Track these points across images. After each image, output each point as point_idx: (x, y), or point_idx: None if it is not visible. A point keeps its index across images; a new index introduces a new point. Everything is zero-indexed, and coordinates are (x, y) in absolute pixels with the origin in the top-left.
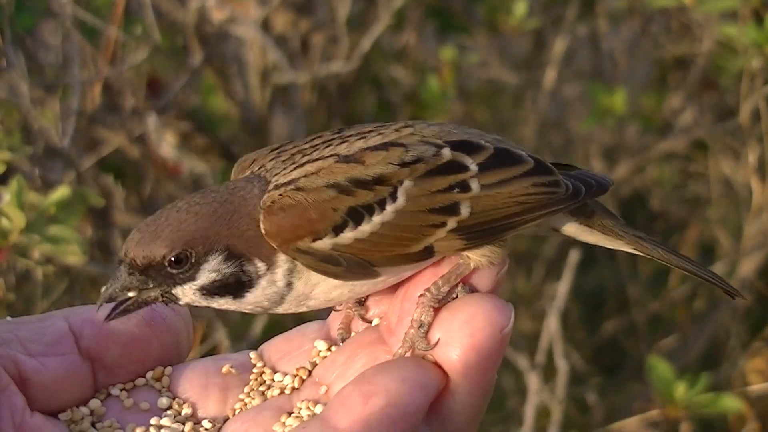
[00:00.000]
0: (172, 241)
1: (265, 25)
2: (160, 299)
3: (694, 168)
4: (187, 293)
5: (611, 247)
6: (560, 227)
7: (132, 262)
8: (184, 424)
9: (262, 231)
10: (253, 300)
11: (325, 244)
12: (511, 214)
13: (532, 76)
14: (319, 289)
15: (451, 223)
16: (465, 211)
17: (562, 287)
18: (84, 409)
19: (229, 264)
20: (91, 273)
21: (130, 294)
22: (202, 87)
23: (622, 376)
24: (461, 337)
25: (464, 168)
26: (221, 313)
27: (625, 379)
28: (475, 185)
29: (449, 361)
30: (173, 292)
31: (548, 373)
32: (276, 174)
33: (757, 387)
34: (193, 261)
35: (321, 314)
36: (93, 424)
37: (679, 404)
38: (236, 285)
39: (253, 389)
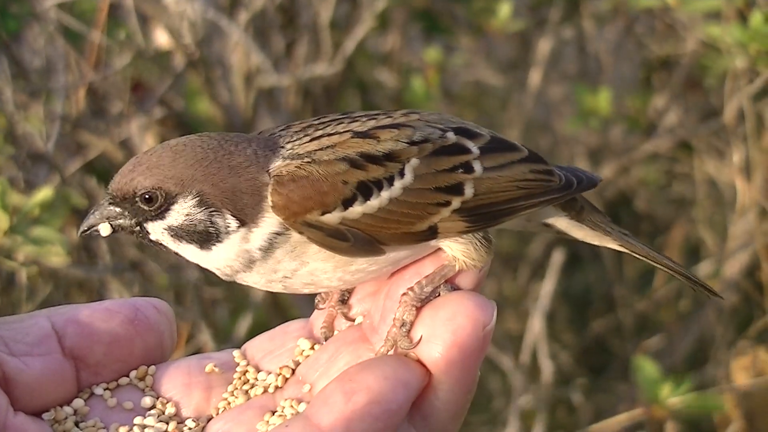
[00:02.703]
0: (146, 179)
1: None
2: (133, 230)
3: (679, 168)
4: (156, 230)
5: (597, 244)
6: (551, 222)
7: (112, 193)
8: (167, 423)
9: (270, 203)
10: (221, 256)
11: (333, 217)
12: (512, 198)
13: (518, 78)
14: (307, 268)
15: (456, 202)
16: (469, 191)
17: (546, 287)
18: (67, 409)
19: (200, 211)
20: (77, 276)
21: (118, 220)
22: (187, 90)
23: (609, 376)
24: (444, 334)
25: (467, 150)
26: (206, 314)
27: (612, 380)
28: (478, 167)
29: (432, 359)
30: (144, 226)
31: (535, 373)
32: (290, 141)
33: (742, 384)
34: (162, 201)
35: (304, 312)
36: (77, 424)
37: (664, 404)
38: (203, 234)
39: (236, 388)
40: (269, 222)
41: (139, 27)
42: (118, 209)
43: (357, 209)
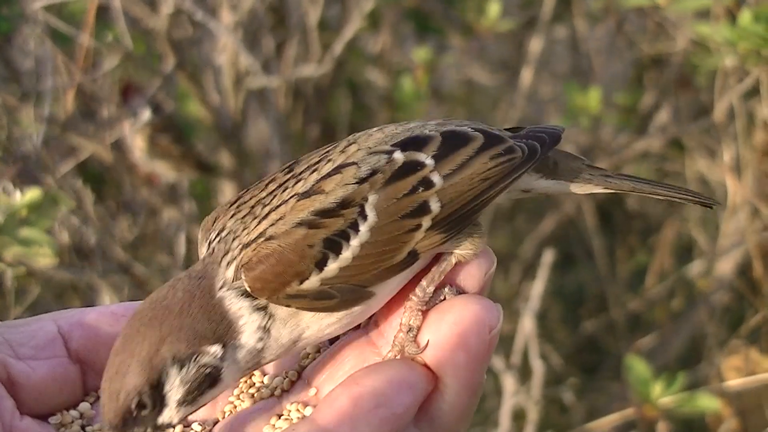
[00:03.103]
0: (126, 395)
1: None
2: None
3: (671, 167)
4: (173, 415)
5: (582, 193)
6: (529, 187)
7: (112, 426)
8: (174, 427)
9: (248, 288)
10: (233, 375)
11: (312, 282)
12: (480, 193)
13: (511, 78)
14: (310, 331)
15: (426, 222)
16: (435, 206)
17: (537, 287)
18: (74, 413)
19: (187, 369)
20: (66, 279)
21: None
22: (178, 92)
23: (601, 375)
24: (450, 338)
25: (421, 165)
26: None
27: (605, 379)
28: (436, 178)
29: (438, 363)
30: (160, 422)
31: (526, 373)
32: (238, 236)
33: (733, 383)
34: (152, 397)
35: None
36: (83, 428)
37: (655, 404)
38: (209, 379)
39: (242, 392)
40: (249, 323)
41: (127, 29)
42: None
43: (332, 267)
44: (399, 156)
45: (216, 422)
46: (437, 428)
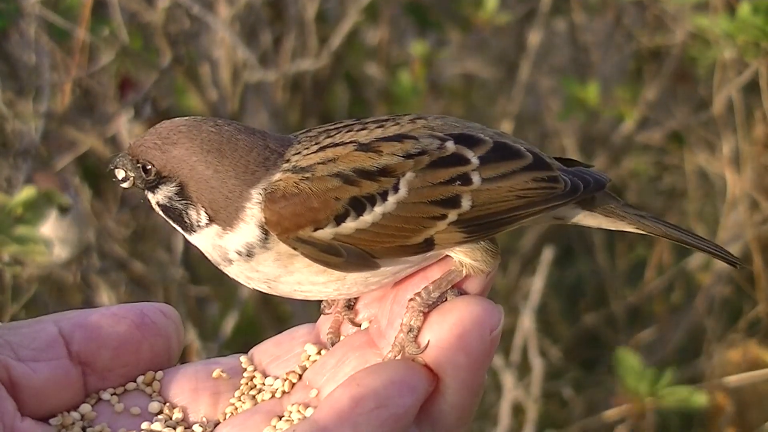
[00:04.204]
0: (146, 152)
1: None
2: (143, 192)
3: (670, 160)
4: (152, 201)
5: (613, 229)
6: (562, 216)
7: (128, 149)
8: (175, 428)
9: (263, 219)
10: (200, 243)
11: (325, 233)
12: (511, 208)
13: (510, 72)
14: (293, 277)
15: (452, 215)
16: (466, 204)
17: (537, 285)
18: (75, 414)
19: (178, 200)
20: (63, 276)
21: (129, 173)
22: (175, 87)
23: (600, 369)
24: (451, 339)
25: (466, 161)
26: (192, 312)
27: (604, 373)
28: (476, 178)
29: (439, 363)
30: (138, 186)
31: (526, 368)
32: (298, 152)
33: (732, 378)
34: (152, 177)
35: (296, 309)
36: (84, 429)
37: (643, 398)
38: (182, 220)
39: (243, 393)
40: (246, 230)
41: (124, 23)
42: (130, 164)
43: (350, 225)
44: (450, 145)
45: (217, 423)
46: (438, 428)
